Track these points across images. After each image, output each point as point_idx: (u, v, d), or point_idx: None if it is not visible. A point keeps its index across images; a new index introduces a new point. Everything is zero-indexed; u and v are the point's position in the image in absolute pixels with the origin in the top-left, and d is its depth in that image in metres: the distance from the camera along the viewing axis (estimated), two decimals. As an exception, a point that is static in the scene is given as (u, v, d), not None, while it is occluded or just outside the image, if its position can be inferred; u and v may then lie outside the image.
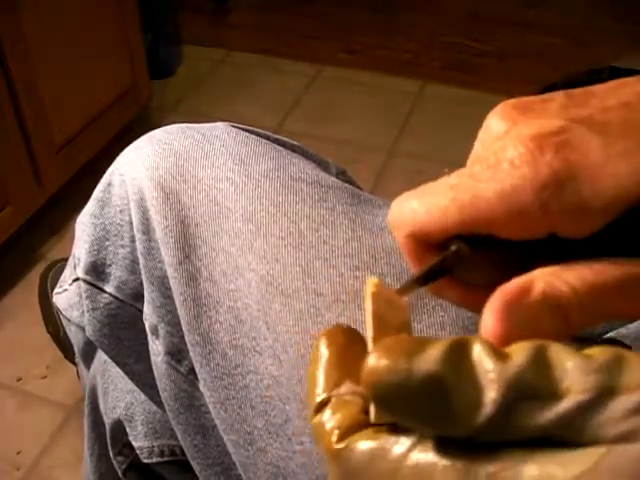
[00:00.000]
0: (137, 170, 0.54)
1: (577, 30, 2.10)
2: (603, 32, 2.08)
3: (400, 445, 0.20)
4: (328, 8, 2.22)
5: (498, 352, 0.19)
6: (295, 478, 0.43)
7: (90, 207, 0.60)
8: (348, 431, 0.21)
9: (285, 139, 0.57)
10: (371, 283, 0.23)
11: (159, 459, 0.67)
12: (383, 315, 0.23)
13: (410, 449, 0.20)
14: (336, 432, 0.21)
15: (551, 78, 1.90)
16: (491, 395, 0.19)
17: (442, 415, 0.19)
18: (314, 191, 0.49)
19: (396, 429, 0.21)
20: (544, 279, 0.22)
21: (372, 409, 0.21)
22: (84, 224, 0.60)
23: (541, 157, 0.22)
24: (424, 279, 0.26)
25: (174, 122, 0.59)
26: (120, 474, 0.73)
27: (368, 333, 0.23)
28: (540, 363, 0.19)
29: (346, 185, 0.52)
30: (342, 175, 0.58)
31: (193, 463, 0.54)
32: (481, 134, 0.26)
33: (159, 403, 0.57)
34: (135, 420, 0.67)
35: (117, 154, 0.59)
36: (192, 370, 0.51)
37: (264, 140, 0.55)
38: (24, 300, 1.28)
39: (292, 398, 0.43)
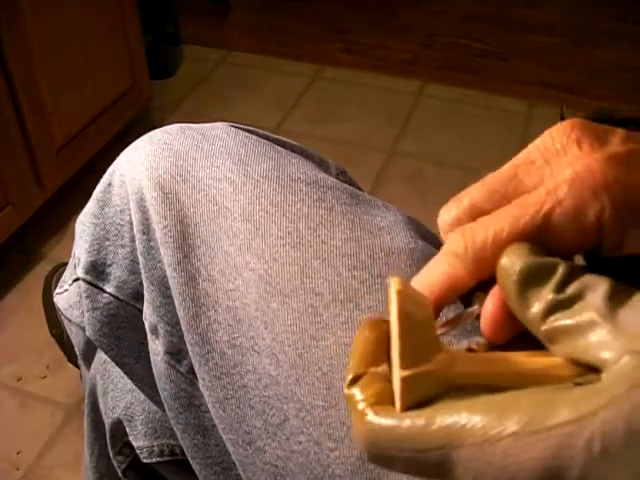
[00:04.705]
0: (137, 170, 0.54)
1: (577, 30, 2.10)
2: (603, 32, 2.08)
3: (419, 418, 0.23)
4: (328, 8, 2.22)
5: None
6: (294, 478, 0.43)
7: (90, 207, 0.60)
8: (375, 404, 0.24)
9: (285, 139, 0.58)
10: (396, 282, 0.25)
11: (159, 459, 0.67)
12: (409, 312, 0.24)
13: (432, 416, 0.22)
14: (364, 404, 0.24)
15: (551, 78, 1.90)
16: None
17: None
18: (313, 191, 0.49)
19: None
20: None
21: (397, 399, 0.23)
22: (84, 224, 0.60)
23: (596, 178, 0.24)
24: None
25: (174, 122, 0.59)
26: (120, 474, 0.73)
27: (393, 330, 0.24)
28: None
29: (345, 185, 0.52)
30: (342, 175, 0.58)
31: (193, 463, 0.54)
32: (538, 144, 0.27)
33: (159, 403, 0.57)
34: (135, 420, 0.67)
35: (117, 154, 0.59)
36: (192, 370, 0.51)
37: (263, 140, 0.55)
38: (24, 300, 1.28)
39: (290, 398, 0.43)
